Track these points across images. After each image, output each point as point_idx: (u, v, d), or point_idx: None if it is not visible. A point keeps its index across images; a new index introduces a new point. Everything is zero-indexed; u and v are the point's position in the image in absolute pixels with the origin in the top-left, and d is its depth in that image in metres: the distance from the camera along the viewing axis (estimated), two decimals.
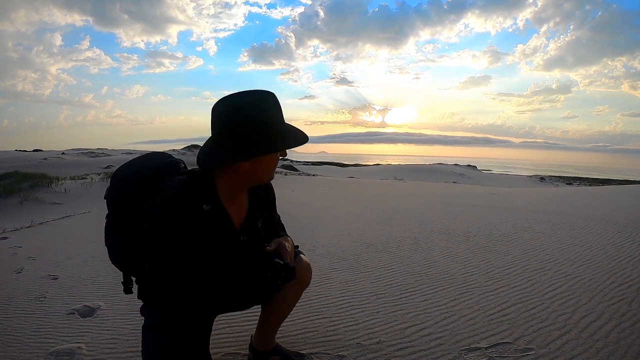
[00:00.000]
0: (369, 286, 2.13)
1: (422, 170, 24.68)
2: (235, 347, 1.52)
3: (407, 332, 1.59)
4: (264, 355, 1.38)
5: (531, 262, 2.42)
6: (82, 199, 7.44)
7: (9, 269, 2.81)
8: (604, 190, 7.31)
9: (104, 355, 1.52)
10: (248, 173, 1.06)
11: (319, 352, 1.47)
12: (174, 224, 1.01)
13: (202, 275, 1.07)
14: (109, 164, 16.63)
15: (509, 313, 1.72)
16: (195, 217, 1.03)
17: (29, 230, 4.68)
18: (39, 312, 1.98)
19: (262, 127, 1.01)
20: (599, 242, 2.83)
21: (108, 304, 2.04)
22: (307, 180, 12.15)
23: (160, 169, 1.19)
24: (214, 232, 1.08)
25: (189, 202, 1.03)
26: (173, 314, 1.08)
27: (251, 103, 1.01)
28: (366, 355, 1.44)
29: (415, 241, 3.09)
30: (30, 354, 1.54)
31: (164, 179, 1.11)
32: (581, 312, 1.69)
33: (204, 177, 1.08)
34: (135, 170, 1.20)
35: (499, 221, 3.76)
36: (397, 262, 2.56)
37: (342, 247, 2.98)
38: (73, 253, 3.23)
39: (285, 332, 1.61)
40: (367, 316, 1.75)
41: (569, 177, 30.45)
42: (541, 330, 1.55)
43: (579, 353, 1.38)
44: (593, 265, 2.30)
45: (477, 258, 2.57)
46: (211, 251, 1.08)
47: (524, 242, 2.93)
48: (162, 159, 1.25)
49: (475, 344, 1.48)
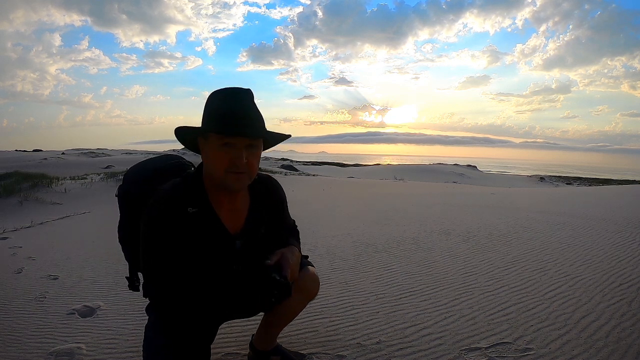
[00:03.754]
0: (369, 286, 2.13)
1: (422, 170, 24.67)
2: (236, 347, 1.52)
3: (407, 332, 1.59)
4: (264, 354, 1.38)
5: (531, 262, 2.42)
6: (82, 199, 7.44)
7: (9, 269, 2.81)
8: (604, 190, 7.31)
9: (104, 355, 1.52)
10: (205, 165, 1.06)
11: (319, 352, 1.47)
12: (159, 227, 1.01)
13: (192, 280, 1.03)
14: (109, 164, 16.62)
15: (509, 313, 1.73)
16: (180, 220, 1.02)
17: (29, 230, 4.68)
18: (39, 312, 1.98)
19: (211, 109, 1.01)
20: (599, 242, 2.83)
21: (108, 304, 2.04)
22: (307, 180, 12.15)
23: (165, 171, 1.20)
24: (203, 236, 1.05)
25: (175, 205, 1.02)
26: (169, 317, 1.07)
27: (220, 90, 1.03)
28: (366, 355, 1.44)
29: (415, 241, 3.09)
30: (30, 354, 1.54)
31: (166, 180, 1.12)
32: (581, 312, 1.69)
33: (194, 179, 1.07)
34: (143, 171, 1.24)
35: (499, 221, 3.76)
36: (397, 262, 2.56)
37: (342, 247, 2.98)
38: (73, 253, 3.23)
39: (285, 332, 1.60)
40: (367, 316, 1.75)
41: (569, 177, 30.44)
42: (541, 330, 1.55)
43: (579, 353, 1.38)
44: (593, 265, 2.30)
45: (477, 258, 2.57)
46: (201, 255, 1.05)
47: (524, 242, 2.93)
48: (170, 160, 1.26)
49: (475, 344, 1.48)
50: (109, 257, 2.96)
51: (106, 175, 9.84)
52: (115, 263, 2.78)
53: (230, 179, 1.01)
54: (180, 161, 1.27)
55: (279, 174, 13.81)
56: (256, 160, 1.04)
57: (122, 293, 2.16)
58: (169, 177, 1.14)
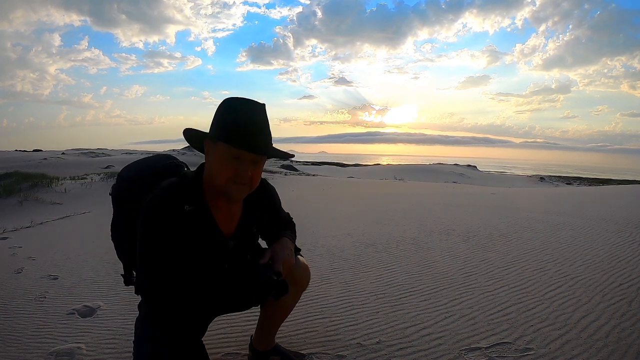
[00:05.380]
0: (369, 286, 2.13)
1: (422, 170, 24.68)
2: (235, 347, 1.52)
3: (407, 332, 1.59)
4: (264, 355, 1.38)
5: (531, 262, 2.42)
6: (82, 199, 7.44)
7: (9, 269, 2.81)
8: (604, 190, 7.31)
9: (104, 355, 1.52)
10: (207, 169, 1.07)
11: (319, 352, 1.47)
12: (155, 224, 1.02)
13: (185, 277, 1.05)
14: (109, 164, 16.63)
15: (509, 313, 1.73)
16: (176, 217, 1.03)
17: (28, 230, 4.68)
18: (39, 312, 1.98)
19: (224, 118, 1.02)
20: (599, 242, 2.83)
21: (108, 304, 2.04)
22: (307, 180, 12.15)
23: (160, 171, 1.21)
24: (198, 234, 1.07)
25: (172, 203, 1.03)
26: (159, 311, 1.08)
27: (236, 100, 1.04)
28: (366, 355, 1.44)
29: (415, 241, 3.09)
30: (30, 354, 1.54)
31: (162, 180, 1.12)
32: (581, 312, 1.69)
33: (193, 179, 1.09)
34: (137, 170, 1.25)
35: (499, 221, 3.76)
36: (397, 262, 2.56)
37: (342, 247, 2.98)
38: (73, 253, 3.23)
39: (285, 332, 1.61)
40: (367, 316, 1.75)
41: (569, 177, 30.44)
42: (541, 330, 1.55)
43: (579, 353, 1.38)
44: (593, 265, 2.30)
45: (477, 258, 2.57)
46: (195, 253, 1.07)
47: (524, 242, 2.93)
48: (164, 160, 1.27)
49: (475, 344, 1.48)
50: (109, 257, 2.96)
51: (106, 175, 9.84)
52: (115, 263, 2.78)
53: (232, 189, 1.03)
54: (175, 162, 1.28)
55: (279, 174, 13.81)
56: (259, 174, 1.07)
57: (122, 293, 2.17)
58: (164, 177, 1.15)
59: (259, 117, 1.03)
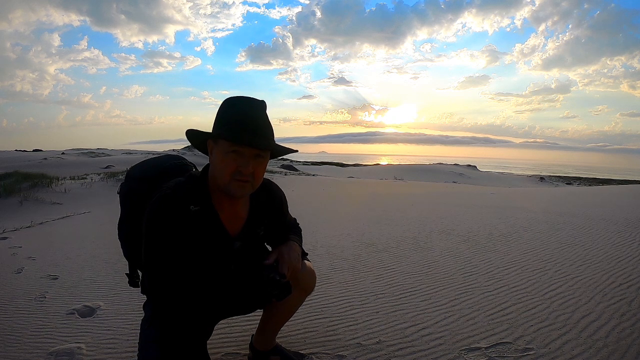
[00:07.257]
0: (369, 286, 2.13)
1: (422, 170, 24.66)
2: (235, 347, 1.52)
3: (407, 332, 1.59)
4: (264, 354, 1.38)
5: (531, 262, 2.42)
6: (82, 199, 7.43)
7: (9, 269, 2.81)
8: (604, 190, 7.32)
9: (104, 355, 1.52)
10: (211, 169, 1.07)
11: (319, 352, 1.47)
12: (161, 223, 1.02)
13: (191, 277, 1.05)
14: (109, 164, 16.62)
15: (509, 313, 1.73)
16: (182, 217, 1.03)
17: (28, 230, 4.68)
18: (39, 312, 1.98)
19: (224, 115, 1.03)
20: (599, 242, 2.83)
21: (108, 304, 2.04)
22: (307, 180, 12.15)
23: (168, 170, 1.22)
24: (203, 234, 1.07)
25: (178, 202, 1.04)
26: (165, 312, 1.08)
27: (235, 98, 1.05)
28: (366, 355, 1.44)
29: (415, 241, 3.09)
30: (30, 354, 1.54)
31: (169, 179, 1.13)
32: (581, 312, 1.69)
33: (199, 179, 1.09)
34: (146, 170, 1.26)
35: (499, 221, 3.76)
36: (397, 262, 2.56)
37: (342, 247, 2.98)
38: (73, 253, 3.23)
39: (285, 332, 1.61)
40: (367, 316, 1.75)
41: (569, 177, 30.44)
42: (541, 330, 1.55)
43: (579, 353, 1.38)
44: (593, 265, 2.30)
45: (477, 258, 2.57)
46: (200, 253, 1.07)
47: (524, 242, 2.93)
48: (173, 160, 1.28)
49: (475, 344, 1.48)
50: (109, 257, 2.97)
51: (106, 175, 9.84)
52: (115, 263, 2.78)
53: (234, 185, 1.02)
54: (183, 162, 1.29)
55: (279, 174, 13.81)
56: (262, 170, 1.06)
57: (122, 293, 2.17)
58: (172, 177, 1.16)
59: (258, 112, 1.03)
